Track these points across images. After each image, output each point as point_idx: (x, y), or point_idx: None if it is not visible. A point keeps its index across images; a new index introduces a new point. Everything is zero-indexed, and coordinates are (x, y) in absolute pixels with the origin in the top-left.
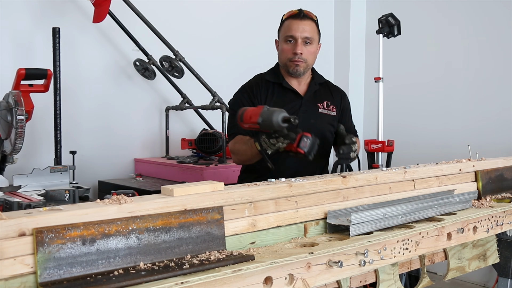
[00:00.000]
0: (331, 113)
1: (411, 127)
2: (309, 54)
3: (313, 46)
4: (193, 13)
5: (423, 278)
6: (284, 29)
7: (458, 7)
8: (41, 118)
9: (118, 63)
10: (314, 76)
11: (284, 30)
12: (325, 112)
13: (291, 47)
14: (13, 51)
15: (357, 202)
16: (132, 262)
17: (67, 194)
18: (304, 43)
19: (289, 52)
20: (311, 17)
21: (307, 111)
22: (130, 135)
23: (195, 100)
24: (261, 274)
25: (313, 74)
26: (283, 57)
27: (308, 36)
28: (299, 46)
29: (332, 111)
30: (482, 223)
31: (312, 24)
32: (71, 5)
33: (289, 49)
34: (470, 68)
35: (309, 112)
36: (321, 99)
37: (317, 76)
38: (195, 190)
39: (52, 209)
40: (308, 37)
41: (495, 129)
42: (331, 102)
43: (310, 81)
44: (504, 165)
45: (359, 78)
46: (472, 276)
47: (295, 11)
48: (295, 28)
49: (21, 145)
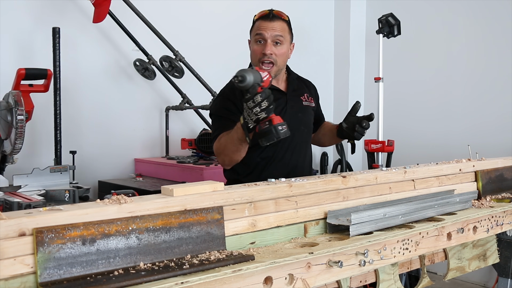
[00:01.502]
0: (311, 104)
1: (411, 127)
2: (279, 54)
3: (283, 46)
4: (194, 13)
5: (423, 278)
6: (254, 30)
7: (458, 7)
8: (41, 118)
9: (118, 63)
10: (290, 72)
11: (254, 31)
12: (307, 104)
13: (261, 48)
14: (13, 51)
15: (357, 202)
16: (132, 262)
17: (67, 194)
18: (274, 43)
19: (259, 53)
20: (281, 17)
21: (293, 106)
22: (130, 135)
23: (195, 100)
24: (261, 274)
25: (287, 71)
26: (254, 58)
27: (278, 35)
28: (269, 46)
29: (311, 102)
30: (482, 223)
31: (283, 24)
32: (71, 5)
33: (259, 50)
34: (471, 68)
35: (295, 107)
36: (301, 92)
37: (291, 72)
38: (195, 190)
39: (52, 209)
40: (278, 36)
41: (495, 129)
42: (309, 94)
43: (287, 77)
44: (504, 165)
45: (359, 78)
46: (472, 276)
47: (266, 12)
48: (264, 27)
49: (21, 145)
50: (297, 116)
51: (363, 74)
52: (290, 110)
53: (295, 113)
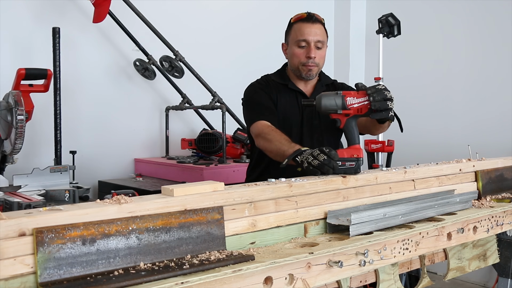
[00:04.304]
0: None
1: (411, 127)
2: (321, 57)
3: (323, 50)
4: (194, 14)
5: (423, 278)
6: (295, 33)
7: (459, 7)
8: (41, 118)
9: (118, 63)
10: (321, 78)
11: (295, 34)
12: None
13: (304, 52)
14: (13, 51)
15: (357, 202)
16: (132, 262)
17: (67, 194)
18: (316, 47)
19: (302, 57)
20: (320, 20)
21: (311, 112)
22: (130, 135)
23: (195, 100)
24: (261, 274)
25: (320, 76)
26: (295, 61)
27: (320, 40)
28: (313, 50)
29: None
30: (482, 223)
31: (322, 27)
32: (71, 5)
33: (302, 53)
34: (471, 68)
35: (313, 113)
36: None
37: (324, 77)
38: (195, 190)
39: (52, 209)
40: (320, 40)
41: (495, 129)
42: None
43: (317, 82)
44: (504, 165)
45: (359, 78)
46: (472, 276)
47: (304, 14)
48: (307, 32)
49: (21, 145)
50: (312, 123)
51: (363, 74)
52: (307, 115)
53: (310, 119)
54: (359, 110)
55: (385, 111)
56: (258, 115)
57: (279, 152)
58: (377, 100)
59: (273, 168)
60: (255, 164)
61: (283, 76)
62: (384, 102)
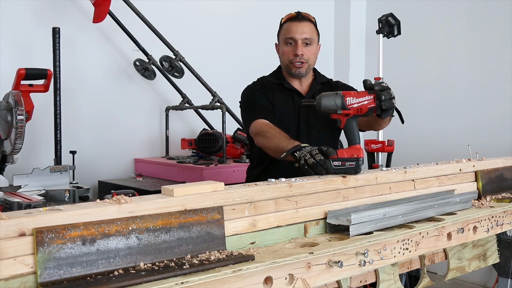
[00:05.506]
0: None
1: (411, 127)
2: (311, 54)
3: (313, 46)
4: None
5: (423, 278)
6: (284, 32)
7: (459, 7)
8: (41, 118)
9: (118, 63)
10: (316, 76)
11: (284, 33)
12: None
13: (291, 49)
14: (13, 51)
15: (357, 202)
16: (132, 262)
17: (67, 194)
18: (304, 44)
19: (290, 54)
20: (309, 18)
21: (308, 110)
22: (130, 135)
23: (195, 100)
24: (261, 274)
25: (315, 74)
26: (285, 59)
27: (307, 37)
28: (300, 47)
29: None
30: (482, 223)
31: (311, 25)
32: (71, 5)
33: (290, 51)
34: (471, 68)
35: (310, 111)
36: None
37: (319, 76)
38: (195, 190)
39: (52, 209)
40: (307, 37)
41: (495, 129)
42: None
43: (312, 81)
44: (504, 165)
45: (359, 78)
46: (472, 276)
47: (293, 14)
48: (294, 30)
49: (21, 145)
50: (309, 122)
51: (363, 74)
52: (303, 114)
53: (307, 117)
54: (359, 110)
55: (391, 109)
56: (256, 115)
57: (278, 149)
58: (386, 100)
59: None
60: (256, 164)
61: (279, 76)
62: (391, 101)
